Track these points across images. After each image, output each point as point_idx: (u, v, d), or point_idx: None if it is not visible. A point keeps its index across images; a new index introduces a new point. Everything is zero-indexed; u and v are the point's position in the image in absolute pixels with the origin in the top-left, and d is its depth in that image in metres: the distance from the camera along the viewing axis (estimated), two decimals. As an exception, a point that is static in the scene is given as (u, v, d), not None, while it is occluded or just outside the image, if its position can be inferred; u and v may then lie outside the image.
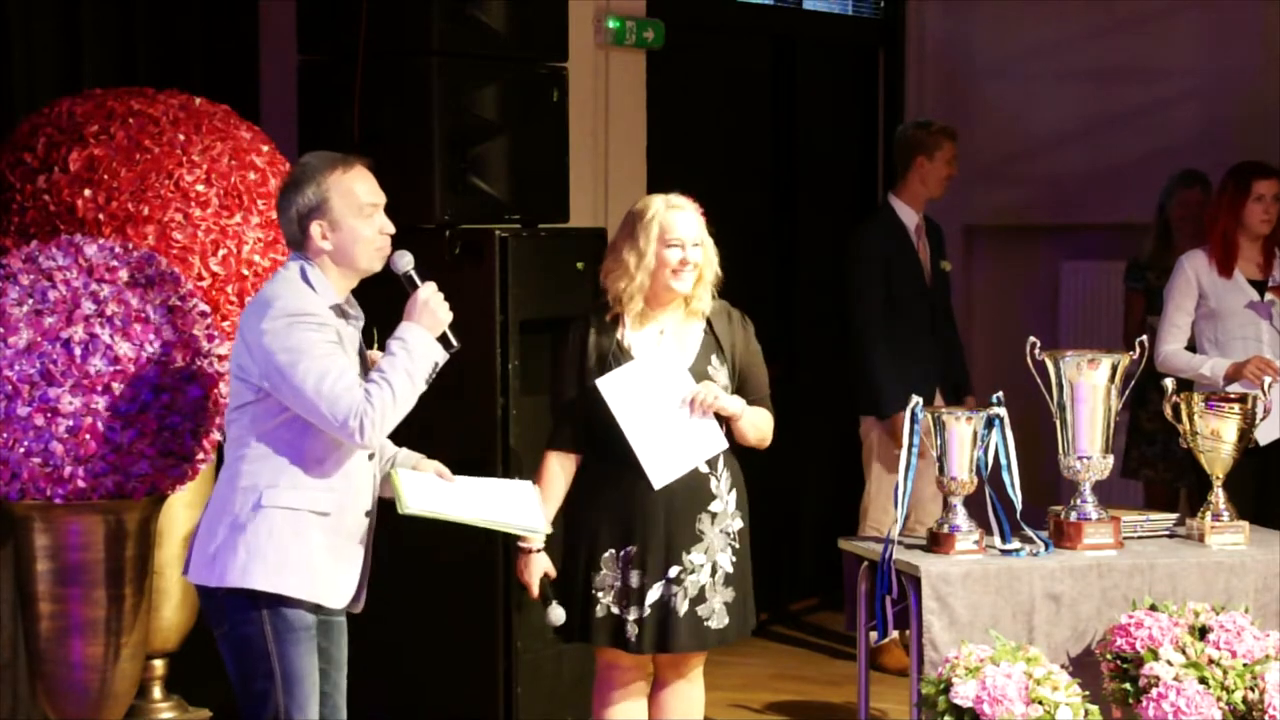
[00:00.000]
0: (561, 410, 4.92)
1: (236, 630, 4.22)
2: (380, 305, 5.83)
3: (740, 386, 4.95)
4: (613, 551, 4.85)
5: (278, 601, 4.19)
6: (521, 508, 4.55)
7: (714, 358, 4.93)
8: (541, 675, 5.91)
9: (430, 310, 4.25)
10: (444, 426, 5.82)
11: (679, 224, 4.87)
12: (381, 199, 4.30)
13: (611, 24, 6.95)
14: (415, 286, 4.30)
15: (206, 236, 5.03)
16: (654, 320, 4.90)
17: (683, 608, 4.86)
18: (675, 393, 4.85)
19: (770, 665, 7.18)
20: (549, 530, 4.60)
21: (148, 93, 5.25)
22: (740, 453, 4.87)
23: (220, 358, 4.85)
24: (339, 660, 4.44)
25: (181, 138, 5.09)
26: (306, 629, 4.24)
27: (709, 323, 4.96)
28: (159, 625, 5.22)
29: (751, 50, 8.09)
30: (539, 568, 4.85)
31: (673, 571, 4.86)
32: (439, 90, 5.77)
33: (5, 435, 4.60)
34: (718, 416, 4.88)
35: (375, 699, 5.94)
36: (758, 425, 4.95)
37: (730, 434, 4.94)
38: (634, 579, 4.85)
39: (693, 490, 4.88)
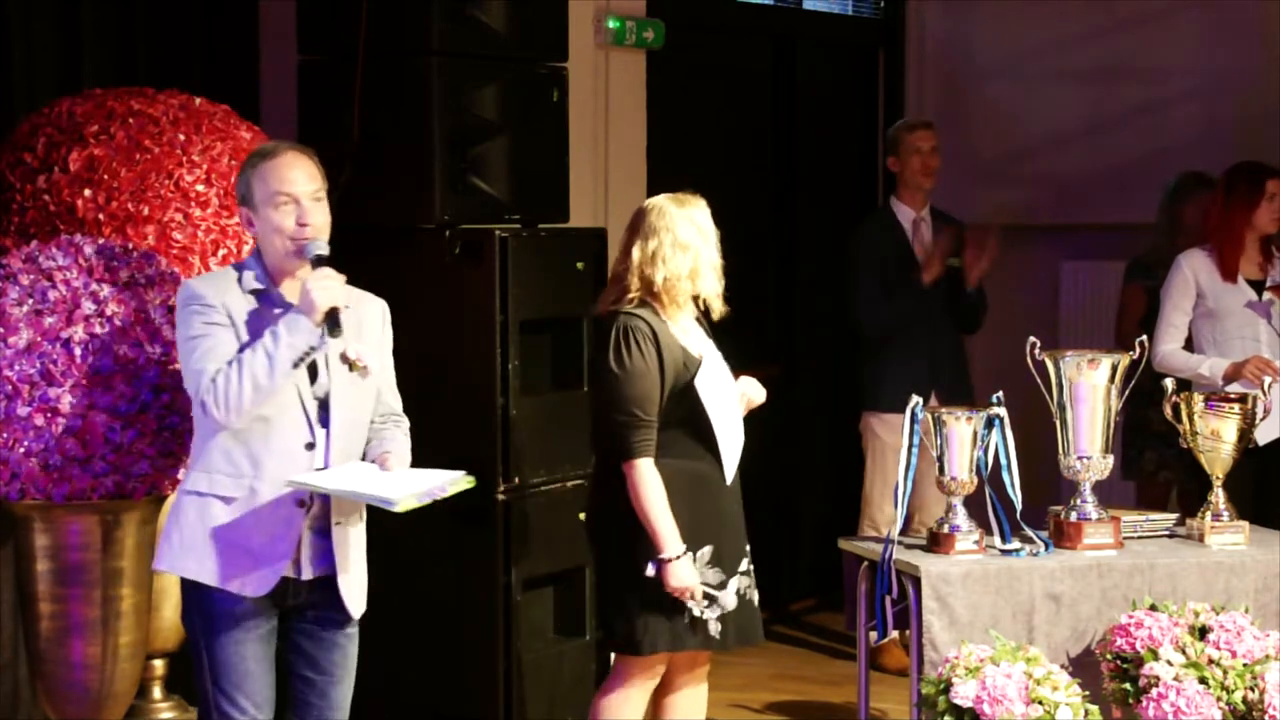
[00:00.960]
0: (646, 415, 4.76)
1: (183, 615, 4.32)
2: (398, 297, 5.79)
3: None
4: (690, 555, 4.80)
5: (204, 589, 4.22)
6: (407, 485, 4.24)
7: (719, 353, 4.97)
8: (542, 675, 5.91)
9: (305, 293, 4.16)
10: (444, 426, 5.83)
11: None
12: (303, 188, 4.23)
13: (611, 24, 6.95)
14: None
15: (206, 236, 5.03)
16: (679, 319, 4.90)
17: (750, 598, 4.93)
18: (730, 390, 4.91)
19: (770, 665, 7.18)
20: (407, 506, 4.21)
21: (148, 93, 5.24)
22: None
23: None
24: (331, 671, 4.37)
25: (181, 138, 5.09)
26: (234, 619, 4.21)
27: (697, 319, 4.97)
28: (159, 625, 5.22)
29: (751, 50, 8.09)
30: (691, 574, 4.75)
31: (743, 565, 4.91)
32: (439, 90, 5.76)
33: (5, 435, 4.59)
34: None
35: (375, 699, 5.94)
36: None
37: None
38: (712, 577, 4.83)
39: (738, 485, 4.93)
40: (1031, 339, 5.31)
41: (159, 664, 5.35)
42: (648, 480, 4.74)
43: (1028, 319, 7.66)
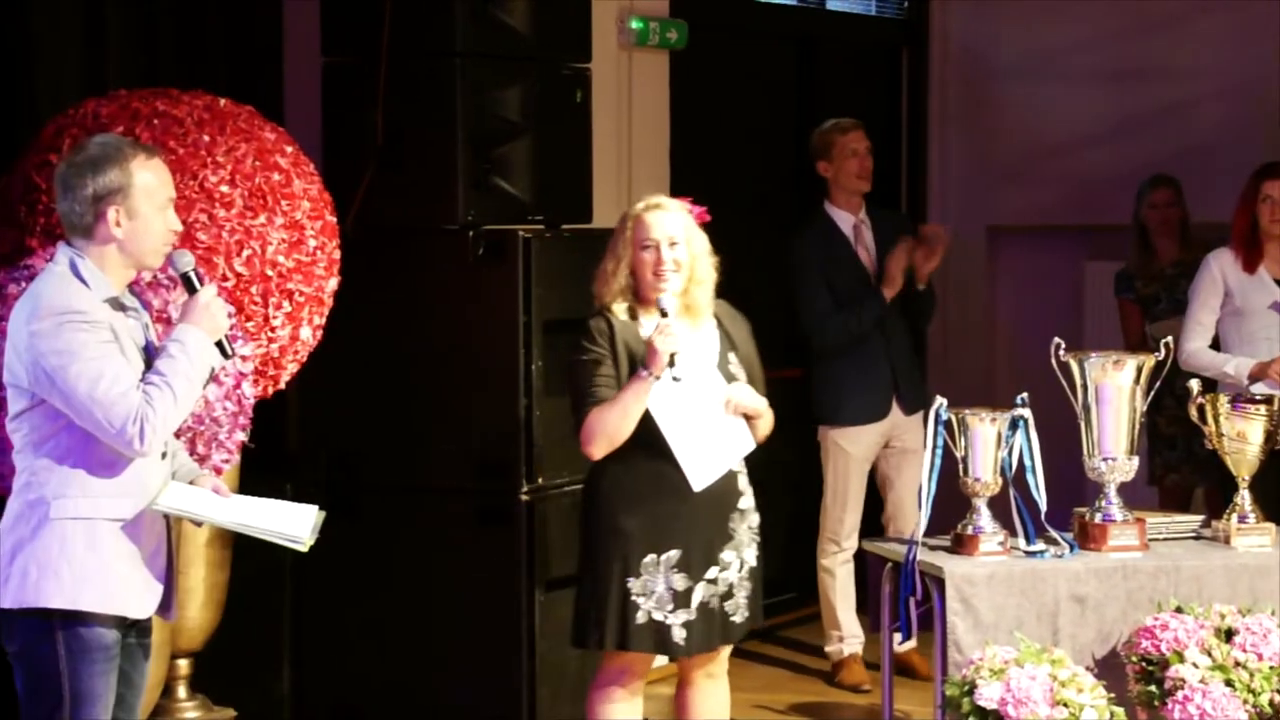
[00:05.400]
0: (601, 398, 4.77)
1: (29, 649, 3.99)
2: (396, 309, 5.81)
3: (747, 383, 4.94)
4: (653, 556, 4.79)
5: (74, 619, 3.96)
6: (291, 522, 4.15)
7: (731, 355, 4.93)
8: (563, 676, 5.90)
9: (210, 314, 4.06)
10: (467, 427, 5.83)
11: (654, 225, 4.83)
12: (174, 195, 4.16)
13: (635, 25, 6.95)
14: (195, 288, 4.12)
15: (231, 237, 5.04)
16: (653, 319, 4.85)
17: (718, 606, 4.88)
18: (709, 394, 4.83)
19: (793, 666, 7.17)
20: (312, 541, 4.15)
21: (172, 94, 5.25)
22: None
23: (243, 358, 4.85)
24: (139, 684, 4.17)
25: (206, 139, 5.09)
26: (105, 649, 3.99)
27: (718, 320, 4.94)
28: (184, 625, 5.22)
29: (775, 51, 8.08)
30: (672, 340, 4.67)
31: (711, 573, 4.86)
32: (462, 91, 5.77)
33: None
34: (745, 415, 4.88)
35: (398, 700, 5.95)
36: (769, 421, 4.95)
37: None
38: (678, 582, 4.82)
39: (725, 489, 4.88)
40: (1056, 340, 5.30)
41: (184, 664, 5.36)
42: (599, 411, 4.74)
43: (1051, 320, 7.66)
